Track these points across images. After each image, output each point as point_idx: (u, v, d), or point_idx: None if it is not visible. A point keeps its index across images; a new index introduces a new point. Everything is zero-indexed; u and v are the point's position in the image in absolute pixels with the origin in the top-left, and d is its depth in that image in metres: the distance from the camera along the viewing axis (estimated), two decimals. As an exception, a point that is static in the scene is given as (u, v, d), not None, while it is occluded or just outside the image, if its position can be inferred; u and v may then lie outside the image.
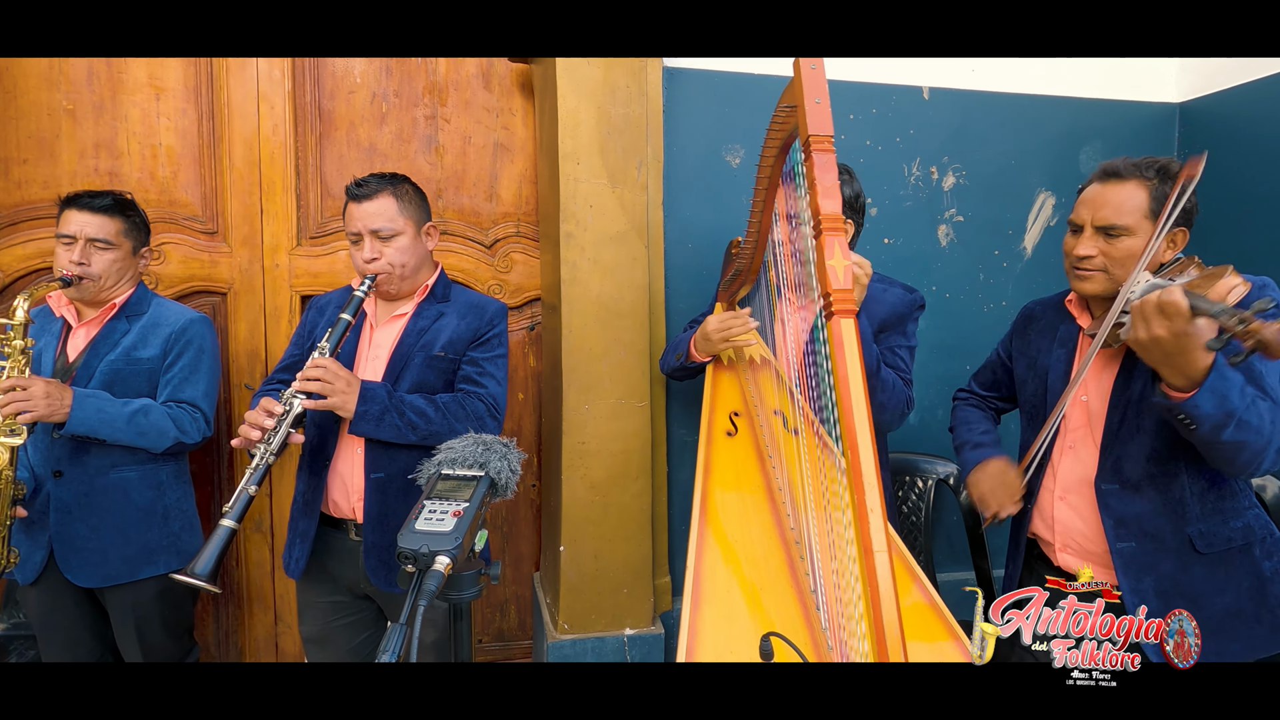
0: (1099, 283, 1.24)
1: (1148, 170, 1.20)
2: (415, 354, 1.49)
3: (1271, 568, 1.21)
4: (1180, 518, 1.20)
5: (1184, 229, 1.23)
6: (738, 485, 1.33)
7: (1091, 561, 1.28)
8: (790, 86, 0.88)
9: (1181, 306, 0.92)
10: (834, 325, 0.77)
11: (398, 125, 2.10)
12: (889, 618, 0.69)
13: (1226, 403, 1.00)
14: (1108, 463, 1.25)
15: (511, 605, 2.30)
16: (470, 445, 0.81)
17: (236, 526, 1.23)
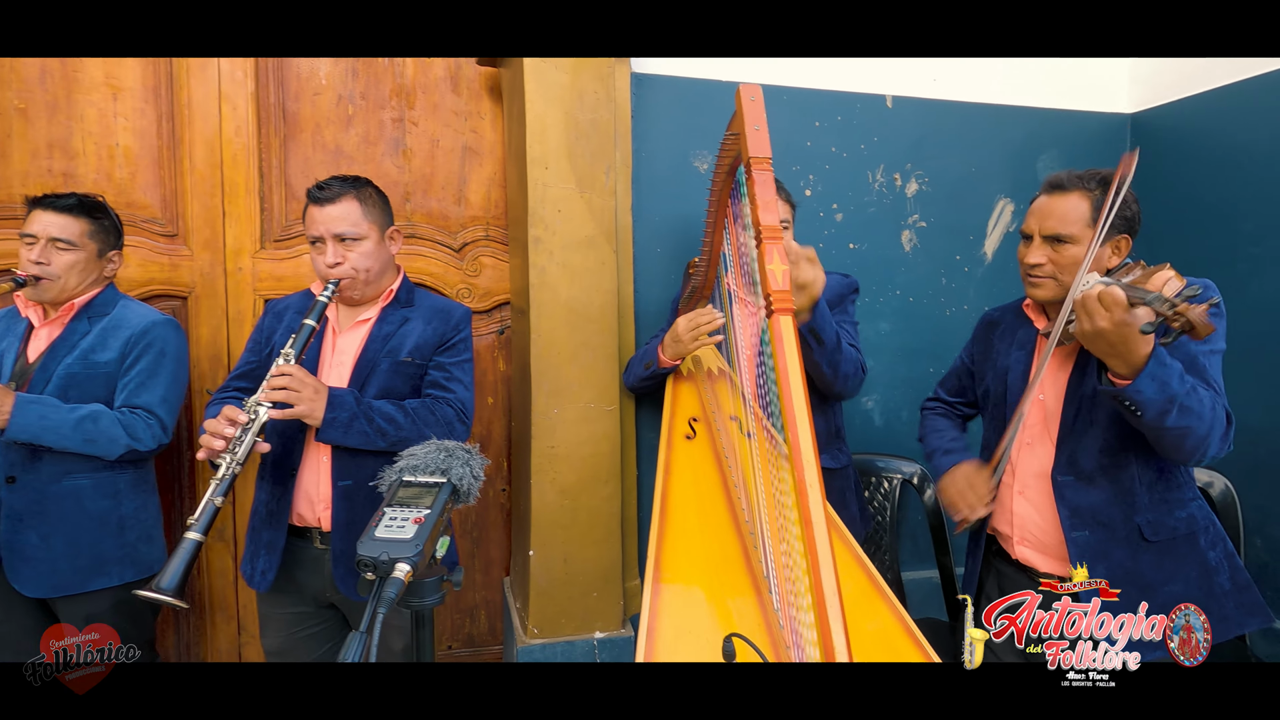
0: (1049, 289, 1.30)
1: (1089, 182, 1.28)
2: (381, 360, 1.47)
3: (1216, 558, 1.27)
4: (1130, 507, 1.26)
5: (1127, 235, 1.29)
6: (695, 485, 1.36)
7: (1047, 554, 1.34)
8: (734, 116, 0.97)
9: (1120, 297, 0.98)
10: (774, 322, 0.83)
11: (364, 127, 2.08)
12: (828, 584, 0.72)
13: (1167, 388, 1.06)
14: (1063, 456, 1.30)
15: (481, 610, 2.29)
16: (432, 452, 0.81)
17: (203, 540, 1.21)
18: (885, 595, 1.15)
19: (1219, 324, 1.22)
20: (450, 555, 1.60)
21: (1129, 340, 1.03)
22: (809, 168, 2.14)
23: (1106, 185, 1.26)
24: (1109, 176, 1.26)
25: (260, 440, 1.31)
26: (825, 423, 1.70)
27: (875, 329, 2.25)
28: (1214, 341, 1.21)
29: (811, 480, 0.77)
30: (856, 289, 1.77)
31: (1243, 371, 2.05)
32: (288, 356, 1.35)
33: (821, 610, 0.73)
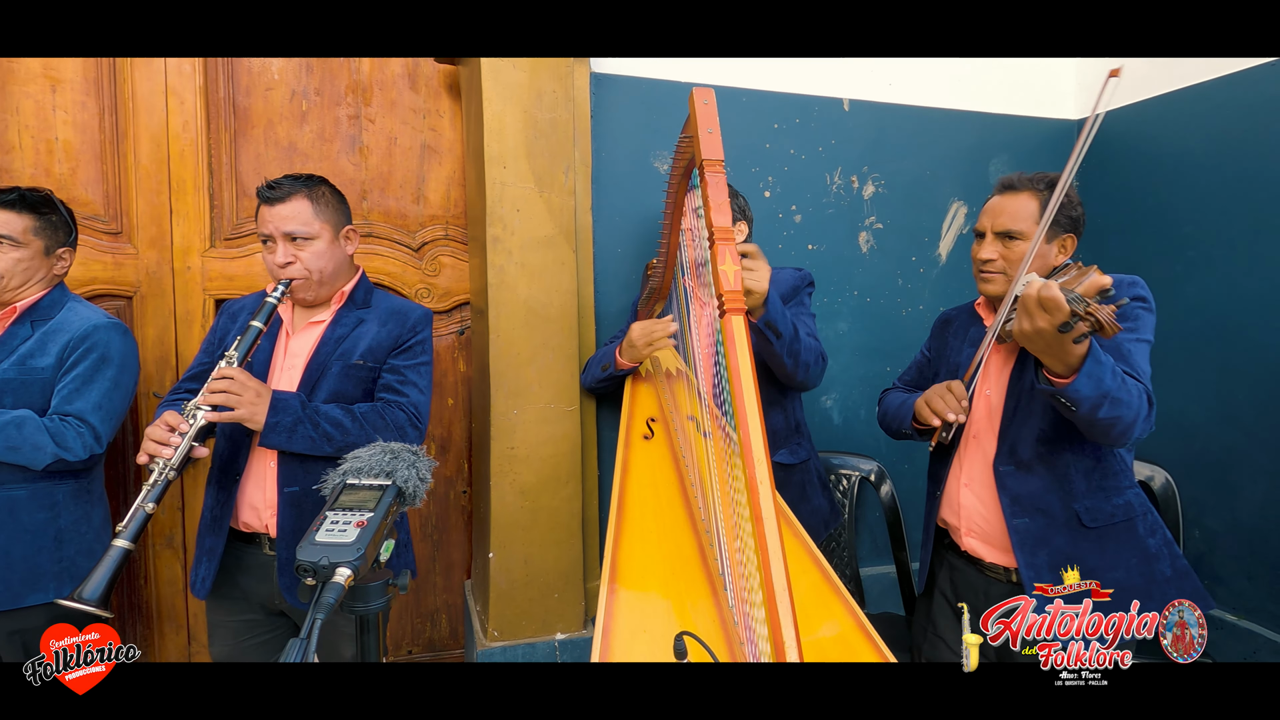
0: (1000, 284, 1.36)
1: (1039, 184, 1.33)
2: (332, 363, 1.44)
3: (1155, 545, 1.32)
4: (1068, 493, 1.30)
5: (1073, 234, 1.34)
6: (653, 484, 1.37)
7: (991, 544, 1.37)
8: (688, 119, 0.97)
9: (1059, 300, 1.00)
10: (726, 322, 0.84)
11: (319, 124, 2.04)
12: (778, 580, 0.73)
13: (1101, 385, 1.10)
14: (1005, 446, 1.35)
15: (442, 614, 2.26)
16: (377, 454, 0.80)
17: (131, 547, 1.16)
18: (839, 592, 1.17)
19: (1147, 318, 1.27)
20: (407, 559, 1.59)
21: (1064, 341, 1.06)
22: (768, 169, 2.16)
23: (1054, 187, 1.31)
24: (1057, 180, 1.31)
25: (199, 446, 1.27)
26: (785, 418, 1.72)
27: (833, 329, 2.28)
28: (1141, 332, 1.26)
29: (762, 477, 0.78)
30: (811, 282, 1.79)
31: (1180, 368, 2.14)
32: (231, 359, 1.31)
33: (772, 606, 0.74)
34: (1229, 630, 2.02)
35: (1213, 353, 2.06)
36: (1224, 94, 2.01)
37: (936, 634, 1.50)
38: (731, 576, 1.06)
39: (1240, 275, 1.98)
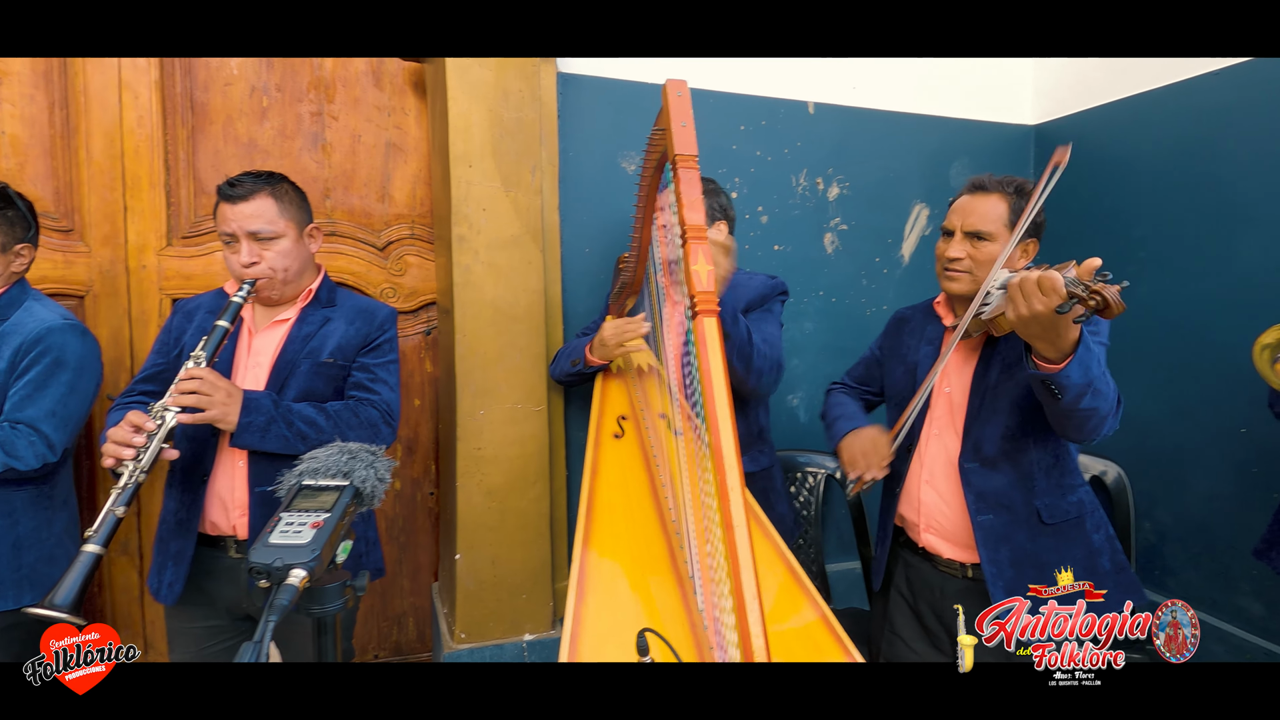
0: (965, 283, 1.37)
1: (1008, 186, 1.36)
2: (301, 361, 1.43)
3: (1100, 540, 1.36)
4: (1029, 490, 1.33)
5: (1035, 240, 1.38)
6: (623, 484, 1.37)
7: (951, 540, 1.40)
8: (661, 111, 0.95)
9: (1058, 282, 1.01)
10: (698, 324, 0.83)
11: (280, 121, 2.00)
12: (748, 586, 0.74)
13: (1089, 372, 1.11)
14: (969, 444, 1.36)
15: (409, 618, 2.24)
16: (334, 454, 0.79)
17: (102, 552, 1.13)
18: (811, 596, 1.18)
19: (1104, 322, 1.30)
20: (374, 560, 1.56)
21: (1060, 324, 1.07)
22: (735, 170, 2.18)
23: (1020, 191, 1.34)
24: (1023, 184, 1.35)
25: (168, 447, 1.25)
26: (747, 425, 1.73)
27: (800, 328, 2.31)
28: (1101, 334, 1.28)
29: (733, 482, 0.77)
30: (784, 291, 1.79)
31: (1133, 366, 2.21)
32: (198, 359, 1.29)
33: (741, 610, 0.74)
34: (1178, 619, 2.09)
35: (1164, 351, 2.13)
36: (1175, 101, 2.08)
37: (894, 631, 1.52)
38: (702, 579, 1.07)
39: (1190, 276, 2.05)
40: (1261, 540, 1.44)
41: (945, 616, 1.42)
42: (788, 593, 1.18)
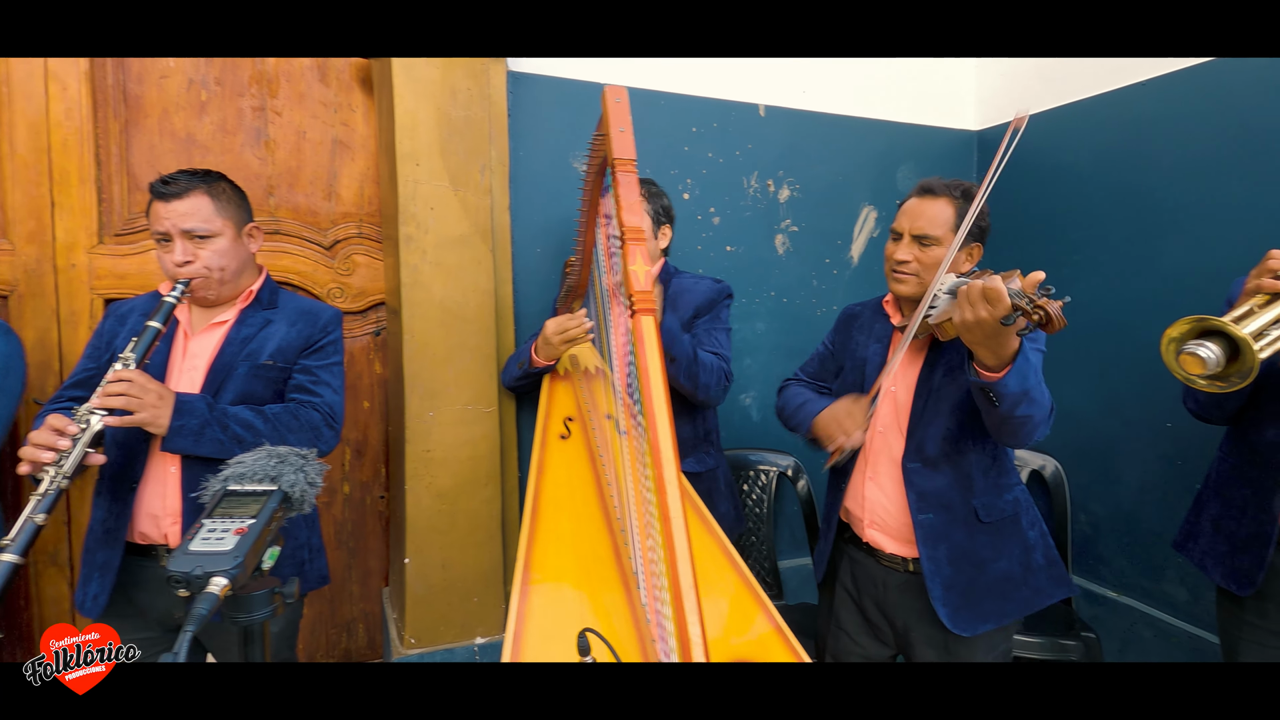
0: (912, 285, 1.40)
1: (955, 190, 1.39)
2: (239, 364, 1.39)
3: (1034, 536, 1.41)
4: (968, 490, 1.36)
5: (979, 244, 1.41)
6: (569, 483, 1.37)
7: (892, 536, 1.43)
8: (601, 118, 0.97)
9: (1002, 290, 1.04)
10: (637, 322, 0.84)
11: (220, 115, 1.94)
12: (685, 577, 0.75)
13: (1025, 381, 1.15)
14: (912, 444, 1.39)
15: (360, 624, 2.19)
16: (262, 458, 0.77)
17: (21, 562, 1.08)
18: (756, 593, 1.19)
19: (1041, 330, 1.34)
20: (318, 566, 1.53)
21: (1002, 334, 1.10)
22: (687, 171, 2.20)
23: (967, 195, 1.37)
24: (970, 188, 1.38)
25: (94, 452, 1.20)
26: (694, 428, 1.74)
27: (751, 328, 2.34)
28: (1038, 342, 1.32)
29: (670, 476, 0.78)
30: (730, 295, 1.81)
31: (1069, 365, 2.30)
32: (127, 361, 1.24)
33: (679, 606, 0.74)
34: (1110, 606, 2.18)
35: (1097, 350, 2.22)
36: (1105, 110, 2.17)
37: (839, 626, 1.55)
38: (645, 574, 1.08)
39: (1120, 278, 2.14)
40: (1180, 532, 1.50)
41: (888, 609, 1.46)
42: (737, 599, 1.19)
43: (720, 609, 1.17)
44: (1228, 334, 1.09)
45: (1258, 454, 1.32)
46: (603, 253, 1.36)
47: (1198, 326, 1.12)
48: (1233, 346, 1.10)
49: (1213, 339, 1.11)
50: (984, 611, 1.35)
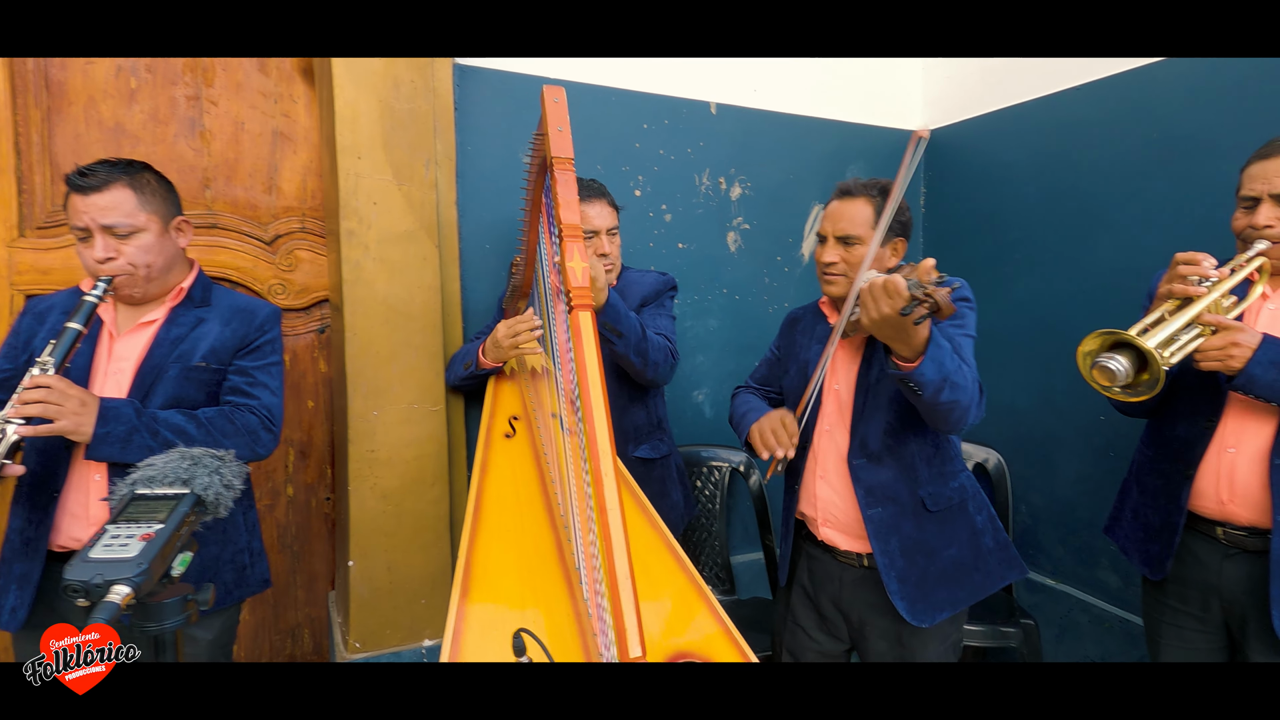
0: (842, 286, 1.42)
1: (872, 189, 1.41)
2: (169, 365, 1.33)
3: (982, 521, 1.43)
4: (914, 481, 1.39)
5: (903, 238, 1.44)
6: (513, 482, 1.36)
7: (846, 533, 1.45)
8: (541, 117, 0.97)
9: (900, 286, 1.07)
10: (574, 318, 0.85)
11: (152, 104, 1.86)
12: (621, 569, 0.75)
13: (943, 368, 1.17)
14: (856, 440, 1.41)
15: (305, 630, 2.14)
16: (174, 461, 0.74)
17: None
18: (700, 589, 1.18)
19: (971, 316, 1.37)
20: (259, 570, 1.48)
21: (907, 324, 1.13)
22: (638, 168, 2.20)
23: (885, 192, 1.39)
24: (887, 185, 1.40)
25: (10, 464, 1.14)
26: (646, 414, 1.76)
27: (704, 325, 2.35)
28: (967, 328, 1.35)
29: (607, 469, 0.79)
30: (674, 287, 1.86)
31: (1009, 361, 2.37)
32: (45, 365, 1.18)
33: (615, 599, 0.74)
34: (1048, 593, 2.26)
35: (1036, 346, 2.29)
36: (1042, 113, 2.24)
37: (795, 623, 1.57)
38: (586, 571, 1.07)
39: (1056, 276, 2.21)
40: (1109, 517, 1.56)
41: (843, 605, 1.48)
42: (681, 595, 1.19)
43: (664, 607, 1.17)
44: (1136, 347, 1.13)
45: (1169, 447, 1.38)
46: (546, 251, 1.36)
47: (1109, 339, 1.17)
48: (1142, 358, 1.14)
49: (1123, 351, 1.15)
50: (939, 600, 1.37)
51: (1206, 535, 1.35)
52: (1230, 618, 1.34)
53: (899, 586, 1.36)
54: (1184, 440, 1.35)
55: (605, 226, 1.74)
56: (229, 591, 1.42)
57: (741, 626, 1.10)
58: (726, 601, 2.20)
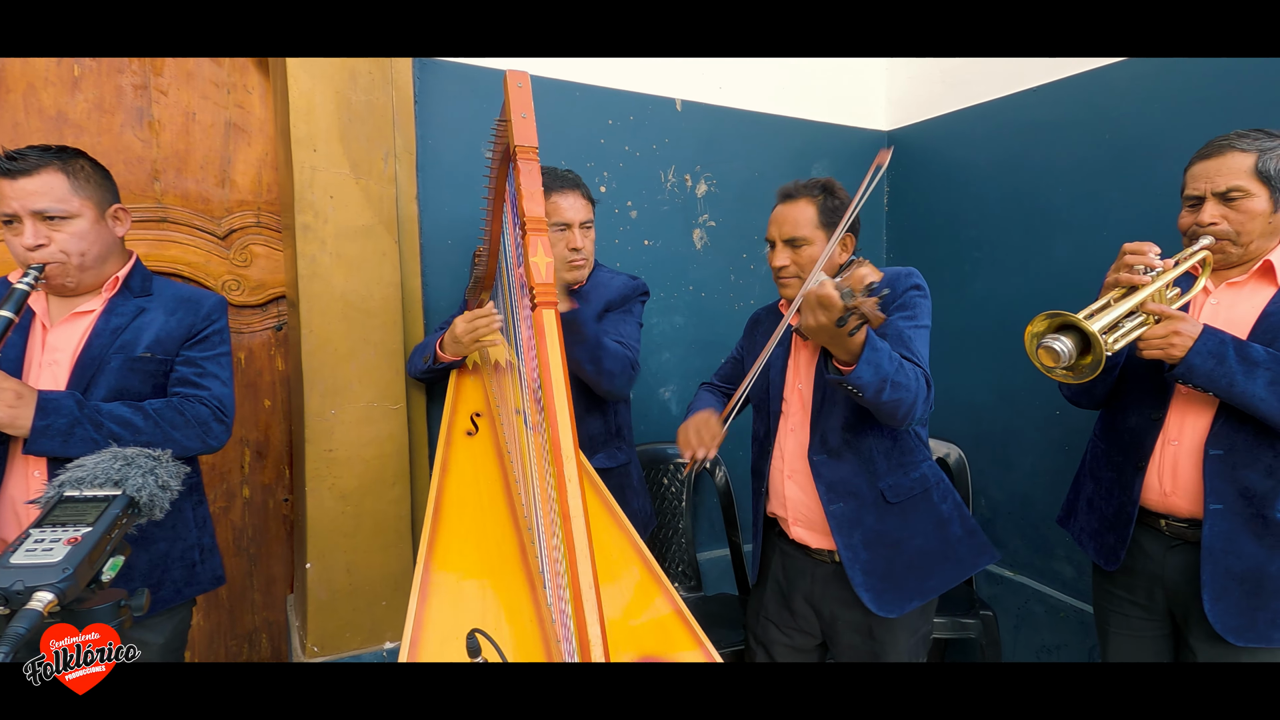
0: (796, 287, 1.43)
1: (813, 190, 1.42)
2: (111, 356, 1.29)
3: (948, 509, 1.44)
4: (873, 474, 1.40)
5: (851, 235, 1.45)
6: (475, 481, 1.34)
7: (815, 530, 1.45)
8: (504, 103, 0.94)
9: (833, 297, 1.08)
10: (537, 316, 0.83)
11: (97, 93, 1.80)
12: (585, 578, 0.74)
13: (880, 370, 1.19)
14: (816, 437, 1.42)
15: (263, 634, 2.09)
16: (106, 461, 0.71)
17: None
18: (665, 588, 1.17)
19: (924, 304, 1.38)
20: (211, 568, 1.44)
21: (841, 333, 1.14)
22: (603, 164, 2.18)
23: (827, 190, 1.40)
24: (828, 184, 1.41)
25: None
26: (604, 423, 1.72)
27: (670, 322, 2.35)
28: (920, 318, 1.36)
29: (571, 474, 0.78)
30: (645, 292, 1.81)
31: (969, 357, 2.41)
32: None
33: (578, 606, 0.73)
34: (1006, 584, 2.31)
35: (994, 343, 2.33)
36: (1001, 114, 2.28)
37: (767, 617, 1.57)
38: (550, 573, 1.06)
39: (1013, 274, 2.26)
40: (1062, 509, 1.60)
41: (815, 600, 1.48)
42: (643, 587, 1.18)
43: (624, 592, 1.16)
44: (1081, 329, 1.16)
45: (1121, 438, 1.41)
46: (510, 244, 1.33)
47: (1056, 321, 1.19)
48: (1086, 341, 1.17)
49: (1068, 333, 1.18)
50: (907, 591, 1.38)
51: (1152, 527, 1.38)
52: (1174, 606, 1.38)
53: (864, 579, 1.37)
54: (1134, 432, 1.38)
55: (579, 220, 1.66)
56: (178, 590, 1.38)
57: (709, 623, 1.10)
58: (693, 599, 2.20)
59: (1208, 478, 1.26)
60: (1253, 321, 1.26)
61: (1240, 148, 1.25)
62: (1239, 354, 1.19)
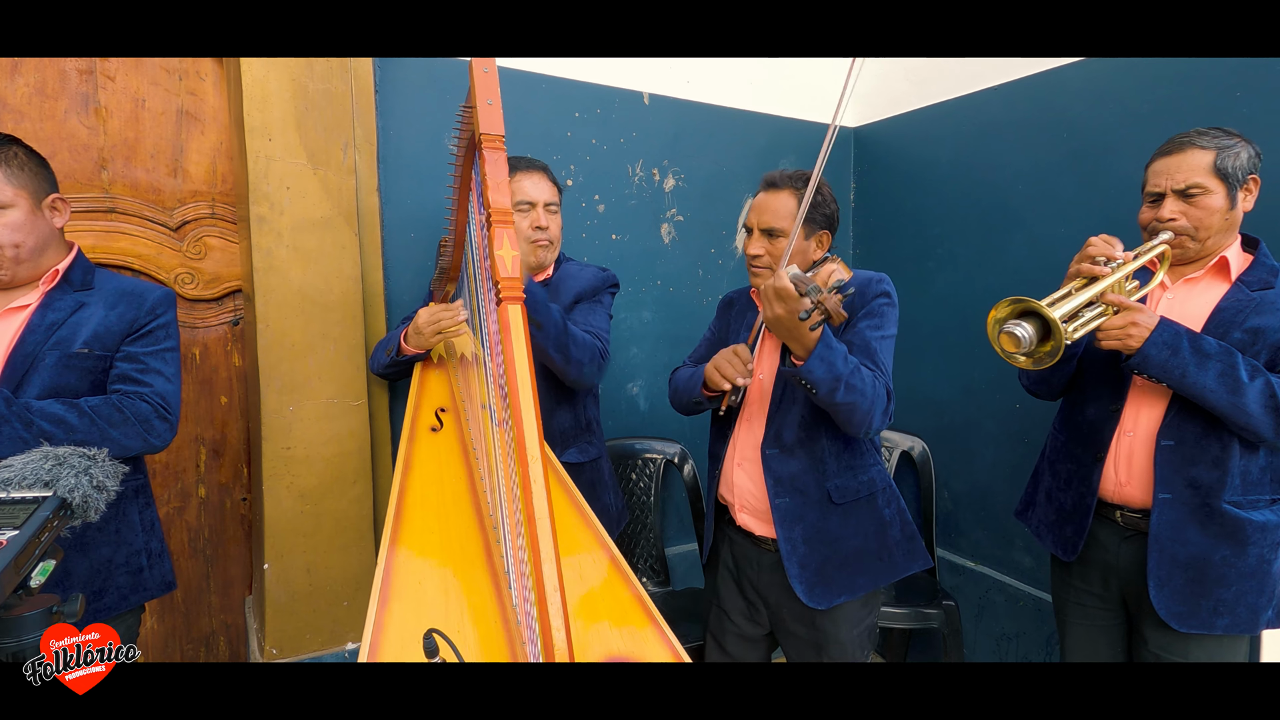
0: (766, 278, 1.42)
1: (797, 182, 1.42)
2: (45, 353, 1.24)
3: (890, 514, 1.47)
4: (822, 474, 1.41)
5: (827, 231, 1.46)
6: (439, 479, 1.31)
7: (760, 519, 1.47)
8: (470, 89, 0.91)
9: (790, 290, 1.08)
10: (503, 311, 0.80)
11: (38, 77, 1.72)
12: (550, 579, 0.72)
13: (834, 368, 1.20)
14: (771, 431, 1.43)
15: (220, 637, 2.03)
16: (36, 461, 0.68)
17: None
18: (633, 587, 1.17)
19: (891, 314, 1.40)
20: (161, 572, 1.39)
21: (799, 326, 1.15)
22: (570, 158, 2.16)
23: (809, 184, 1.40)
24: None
25: None
26: (574, 416, 1.71)
27: (638, 317, 2.34)
28: (886, 328, 1.38)
29: (536, 475, 0.76)
30: (615, 284, 1.79)
31: (932, 352, 2.44)
32: None
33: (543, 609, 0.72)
34: (968, 575, 2.35)
35: (956, 338, 2.37)
36: (962, 113, 2.31)
37: (720, 607, 1.58)
38: (515, 574, 1.04)
39: (974, 270, 2.29)
40: (1020, 502, 1.63)
41: (761, 588, 1.50)
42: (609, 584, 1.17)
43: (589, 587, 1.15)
44: (1042, 315, 1.18)
45: (1080, 431, 1.45)
46: (476, 234, 1.30)
47: (1018, 307, 1.22)
48: (1046, 327, 1.20)
49: (1030, 319, 1.20)
50: (836, 586, 1.40)
51: (1108, 519, 1.42)
52: (1127, 595, 1.42)
53: (799, 571, 1.39)
54: (1093, 424, 1.42)
55: (543, 200, 1.63)
56: (124, 596, 1.33)
57: (677, 617, 1.10)
58: (661, 593, 2.20)
59: (1158, 467, 1.30)
60: (1206, 316, 1.30)
61: (1200, 145, 1.28)
62: (1192, 346, 1.23)
